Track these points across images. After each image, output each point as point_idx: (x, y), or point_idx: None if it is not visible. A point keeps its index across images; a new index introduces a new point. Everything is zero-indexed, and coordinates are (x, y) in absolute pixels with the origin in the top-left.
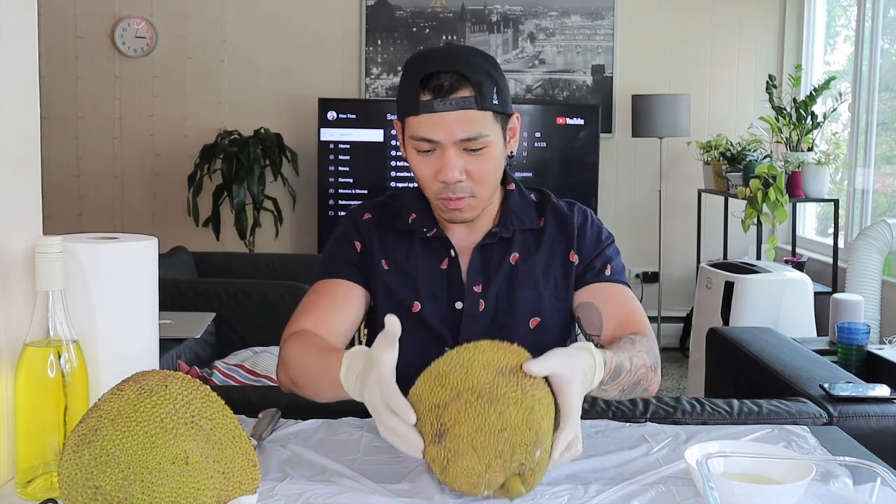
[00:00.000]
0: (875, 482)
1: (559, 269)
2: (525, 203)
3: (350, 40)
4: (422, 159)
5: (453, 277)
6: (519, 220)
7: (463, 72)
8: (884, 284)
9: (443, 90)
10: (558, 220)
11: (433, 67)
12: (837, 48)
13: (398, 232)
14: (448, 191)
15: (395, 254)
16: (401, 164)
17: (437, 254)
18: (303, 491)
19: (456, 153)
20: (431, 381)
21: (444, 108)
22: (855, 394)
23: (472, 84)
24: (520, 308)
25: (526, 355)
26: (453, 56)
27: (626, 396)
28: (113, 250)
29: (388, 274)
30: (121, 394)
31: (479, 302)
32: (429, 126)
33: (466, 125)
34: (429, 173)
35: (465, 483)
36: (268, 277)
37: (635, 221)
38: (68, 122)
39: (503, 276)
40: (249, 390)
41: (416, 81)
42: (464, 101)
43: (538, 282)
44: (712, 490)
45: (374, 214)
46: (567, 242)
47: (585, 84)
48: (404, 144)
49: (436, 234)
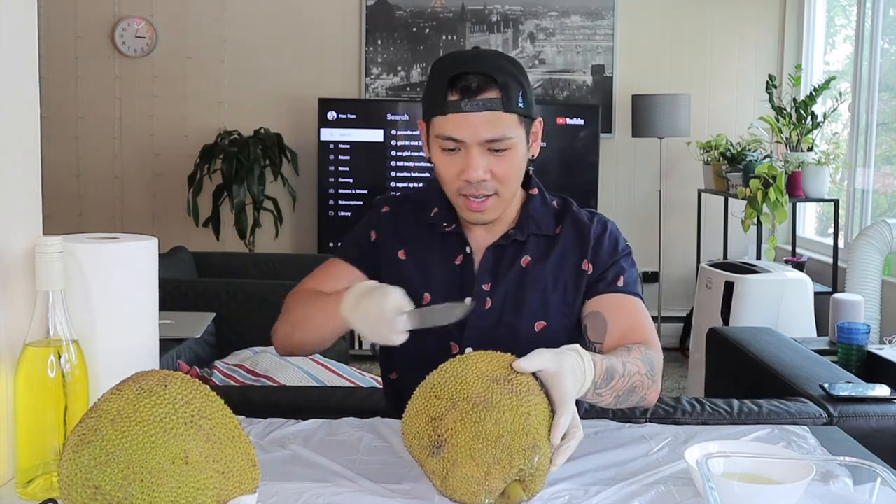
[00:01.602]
0: (875, 482)
1: (570, 276)
2: (545, 209)
3: (350, 40)
4: (446, 158)
5: (465, 274)
6: (536, 226)
7: (491, 74)
8: (884, 284)
9: (470, 91)
10: (576, 228)
11: (461, 69)
12: (837, 48)
13: (419, 224)
14: (471, 188)
15: (415, 245)
16: (401, 164)
17: (453, 249)
18: (303, 491)
19: (480, 153)
20: (427, 394)
21: (471, 108)
22: (855, 394)
23: (498, 86)
24: (526, 311)
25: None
26: (482, 58)
27: (622, 404)
28: (113, 250)
29: (404, 264)
30: (120, 394)
31: (486, 300)
32: (455, 126)
33: (492, 126)
34: (453, 172)
35: (465, 492)
36: (268, 277)
37: (635, 221)
38: (68, 122)
39: (513, 277)
40: (249, 390)
41: (443, 82)
42: (490, 103)
43: (547, 286)
44: (712, 490)
45: (392, 207)
46: (582, 251)
47: (585, 84)
48: (428, 144)
49: (454, 229)
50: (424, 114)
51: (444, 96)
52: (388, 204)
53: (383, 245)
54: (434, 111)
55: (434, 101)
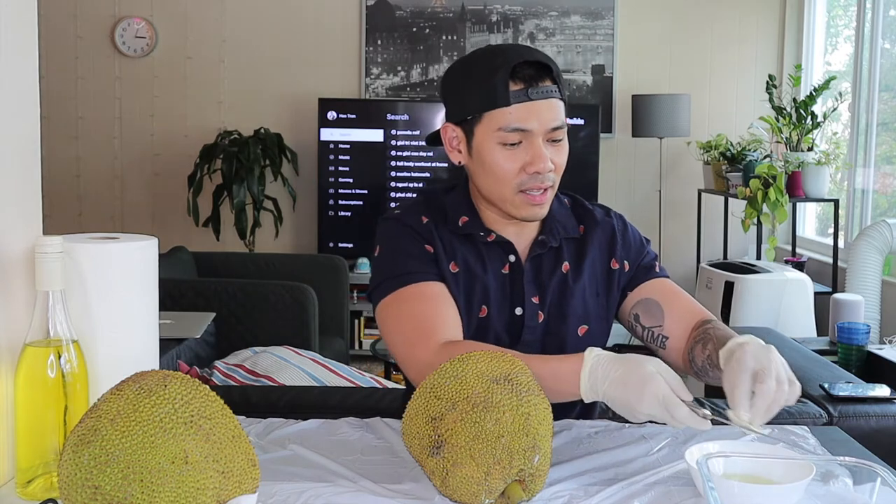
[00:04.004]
0: (875, 482)
1: (601, 277)
2: (564, 209)
3: (350, 40)
4: (507, 153)
5: (515, 283)
6: (563, 229)
7: (545, 62)
8: (884, 284)
9: (533, 79)
10: (600, 228)
11: (518, 58)
12: (838, 48)
13: (455, 235)
14: (535, 181)
15: (465, 257)
16: (401, 164)
17: (500, 258)
18: (303, 491)
19: (543, 143)
20: (426, 395)
21: (537, 96)
22: (855, 394)
23: (553, 74)
24: (571, 317)
25: (519, 363)
26: (529, 49)
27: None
28: (113, 250)
29: (457, 277)
30: (120, 394)
31: (538, 313)
32: (522, 115)
33: (555, 114)
34: (514, 167)
35: (465, 492)
36: (268, 277)
37: (635, 221)
38: (68, 122)
39: (555, 285)
40: (249, 390)
41: (502, 73)
42: (551, 90)
43: (586, 290)
44: (712, 490)
45: (430, 217)
46: (609, 250)
47: (585, 84)
48: (469, 145)
49: (496, 238)
50: (471, 111)
51: (505, 87)
52: (424, 214)
53: (440, 259)
54: (493, 104)
55: (491, 93)
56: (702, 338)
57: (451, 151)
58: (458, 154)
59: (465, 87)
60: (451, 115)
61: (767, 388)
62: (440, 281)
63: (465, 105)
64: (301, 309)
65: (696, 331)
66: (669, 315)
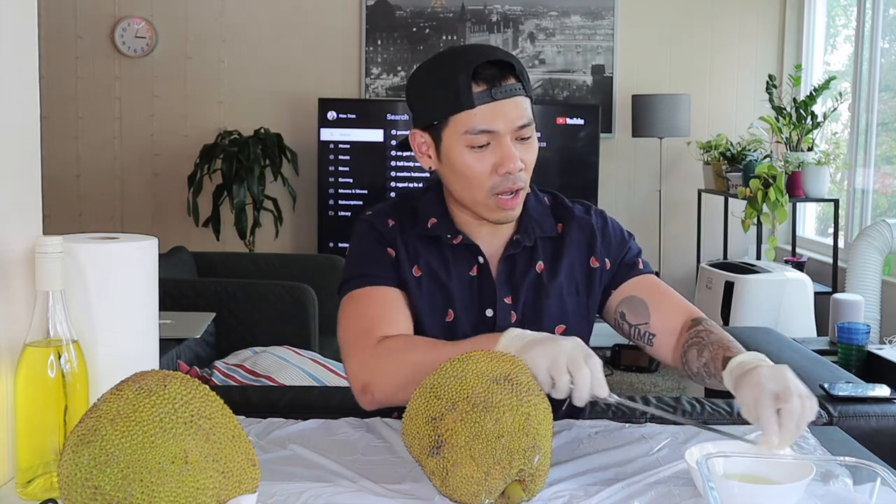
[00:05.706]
0: (875, 482)
1: (581, 275)
2: (542, 207)
3: (350, 40)
4: (476, 156)
5: (484, 285)
6: (539, 227)
7: (507, 60)
8: (884, 284)
9: (495, 79)
10: (578, 226)
11: (480, 58)
12: (837, 48)
13: (421, 237)
14: (507, 183)
15: (428, 260)
16: (401, 164)
17: (467, 261)
18: (303, 491)
19: (511, 142)
20: (426, 395)
21: (501, 95)
22: (855, 394)
23: (516, 71)
24: (546, 317)
25: (519, 363)
26: (491, 48)
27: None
28: (113, 250)
29: (421, 281)
30: (120, 394)
31: (511, 314)
32: (487, 117)
33: (521, 112)
34: (485, 169)
35: (465, 492)
36: (268, 277)
37: (635, 221)
38: (68, 122)
39: (529, 285)
40: (249, 390)
41: (464, 75)
42: (514, 89)
43: (562, 290)
44: (712, 490)
45: (396, 220)
46: (588, 248)
47: (585, 84)
48: (438, 150)
49: (462, 241)
50: (437, 115)
51: (469, 89)
52: (391, 217)
53: (400, 262)
54: (457, 107)
55: (454, 97)
56: (696, 342)
57: (422, 157)
58: (429, 159)
59: (428, 92)
60: (417, 120)
61: (792, 407)
62: (397, 286)
63: (430, 110)
64: (301, 309)
65: (688, 332)
66: (655, 312)
